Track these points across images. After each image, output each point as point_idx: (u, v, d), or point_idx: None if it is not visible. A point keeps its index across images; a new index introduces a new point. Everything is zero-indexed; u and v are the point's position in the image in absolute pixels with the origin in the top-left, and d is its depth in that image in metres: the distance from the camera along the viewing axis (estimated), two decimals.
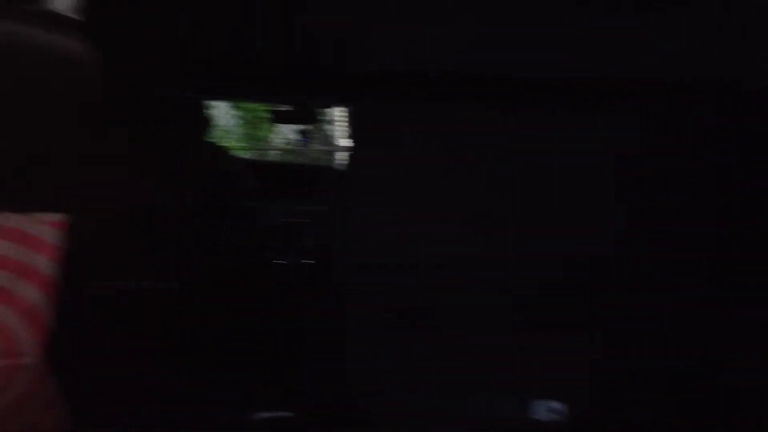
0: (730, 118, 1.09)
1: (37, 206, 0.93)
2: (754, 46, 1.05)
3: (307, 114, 3.91)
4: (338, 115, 5.75)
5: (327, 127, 6.19)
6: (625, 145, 1.06)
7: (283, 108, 4.03)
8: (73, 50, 1.05)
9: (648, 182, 1.07)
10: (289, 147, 6.63)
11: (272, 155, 7.08)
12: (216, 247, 2.08)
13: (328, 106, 5.24)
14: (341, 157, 6.56)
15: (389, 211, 1.10)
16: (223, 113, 6.39)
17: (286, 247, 3.35)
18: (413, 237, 1.10)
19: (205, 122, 2.84)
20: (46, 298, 0.88)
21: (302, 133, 4.08)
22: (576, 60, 1.05)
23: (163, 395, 1.27)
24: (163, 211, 1.64)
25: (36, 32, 1.03)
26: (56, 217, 0.90)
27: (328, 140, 6.70)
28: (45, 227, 0.89)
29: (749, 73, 1.07)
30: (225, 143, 6.37)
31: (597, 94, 1.09)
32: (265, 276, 2.87)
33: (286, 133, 6.36)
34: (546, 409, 1.02)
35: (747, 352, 1.06)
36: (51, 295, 0.89)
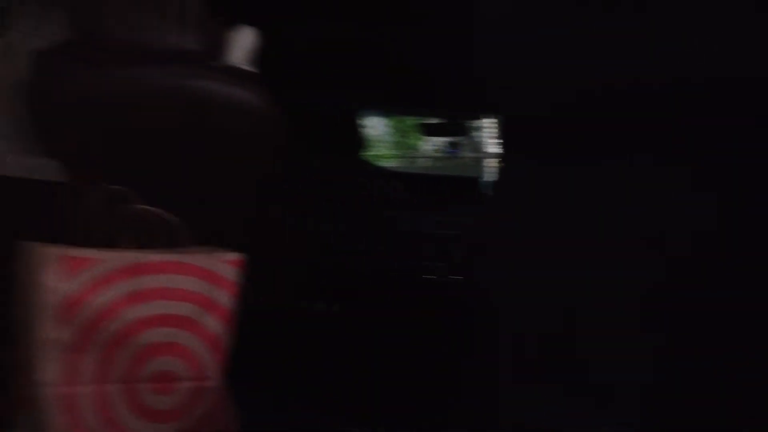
0: None
1: (219, 245, 1.04)
2: None
3: (458, 126, 3.91)
4: (488, 122, 5.71)
5: (476, 134, 6.18)
6: None
7: (433, 120, 4.08)
8: (248, 98, 1.16)
9: None
10: (439, 156, 6.70)
11: (421, 165, 7.19)
12: (367, 261, 2.16)
13: (479, 117, 5.23)
14: (491, 166, 6.50)
15: (543, 224, 1.08)
16: (373, 123, 6.62)
17: (435, 261, 3.38)
18: (570, 251, 1.06)
19: (360, 137, 2.98)
20: (227, 328, 0.99)
21: (452, 144, 4.11)
22: None
23: (331, 409, 1.36)
24: (321, 231, 1.73)
25: (218, 86, 1.15)
26: (235, 256, 1.01)
27: (477, 148, 6.66)
28: (226, 265, 1.00)
29: None
30: (375, 154, 6.59)
31: None
32: (413, 291, 2.93)
33: (436, 142, 6.43)
34: None
35: None
36: (230, 325, 1.00)
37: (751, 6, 0.81)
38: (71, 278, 0.87)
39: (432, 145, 6.84)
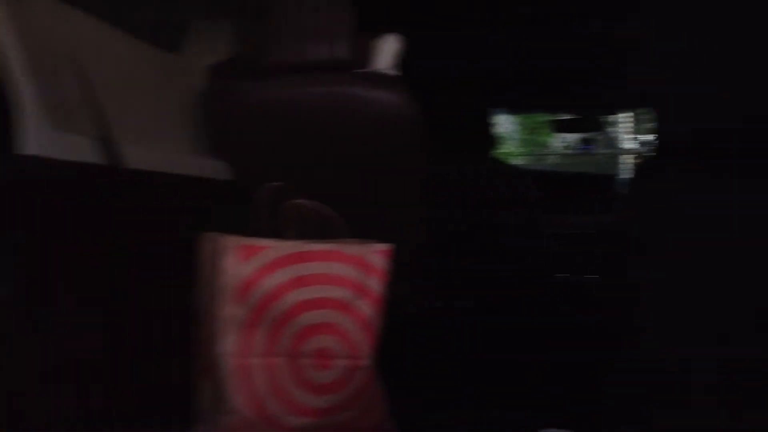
0: None
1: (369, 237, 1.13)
2: None
3: (592, 122, 3.78)
4: (624, 117, 5.45)
5: (611, 129, 5.91)
6: None
7: (566, 116, 3.97)
8: (393, 101, 1.24)
9: None
10: (571, 153, 6.49)
11: (553, 162, 7.00)
12: (500, 260, 2.17)
13: (615, 113, 5.00)
14: (628, 163, 6.18)
15: (687, 225, 1.05)
16: (503, 120, 6.55)
17: (570, 261, 3.29)
18: (715, 255, 1.02)
19: (491, 135, 2.98)
20: (377, 312, 1.07)
21: (586, 140, 3.97)
22: None
23: (464, 401, 1.40)
24: (457, 231, 1.77)
25: (366, 90, 1.24)
26: (385, 246, 1.09)
27: (612, 143, 6.37)
28: (377, 255, 1.08)
29: None
30: (504, 151, 6.51)
31: None
32: (547, 292, 2.88)
33: (568, 139, 6.23)
34: None
35: None
36: (380, 310, 1.08)
37: None
38: (246, 263, 1.00)
39: (563, 141, 6.65)
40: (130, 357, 1.04)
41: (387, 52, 1.35)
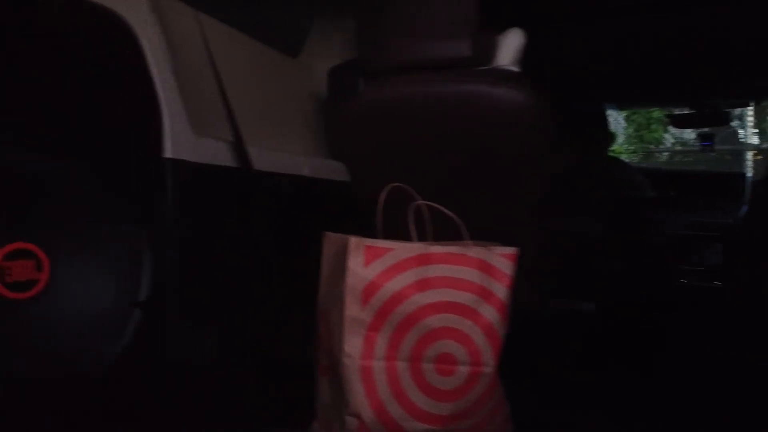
0: None
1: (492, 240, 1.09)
2: None
3: (713, 116, 3.52)
4: (750, 110, 5.02)
5: (735, 124, 5.49)
6: None
7: (683, 111, 3.72)
8: (517, 100, 1.19)
9: None
10: (687, 150, 6.10)
11: (667, 160, 6.61)
12: (620, 261, 2.06)
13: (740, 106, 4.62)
14: (754, 160, 5.70)
15: None
16: (617, 116, 6.27)
17: (690, 266, 3.08)
18: None
19: (607, 131, 2.84)
20: (501, 318, 1.03)
21: (704, 136, 3.69)
22: None
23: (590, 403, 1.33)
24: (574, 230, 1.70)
25: (488, 89, 1.20)
26: (510, 250, 1.05)
27: (734, 140, 5.92)
28: (502, 259, 1.04)
29: None
30: (620, 148, 6.22)
31: None
32: (667, 298, 2.71)
33: (683, 135, 5.85)
34: None
35: None
36: (504, 316, 1.04)
37: None
38: (371, 265, 0.99)
39: (680, 137, 6.25)
40: (252, 354, 1.07)
41: (509, 47, 1.31)
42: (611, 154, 3.14)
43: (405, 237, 1.07)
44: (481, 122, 1.20)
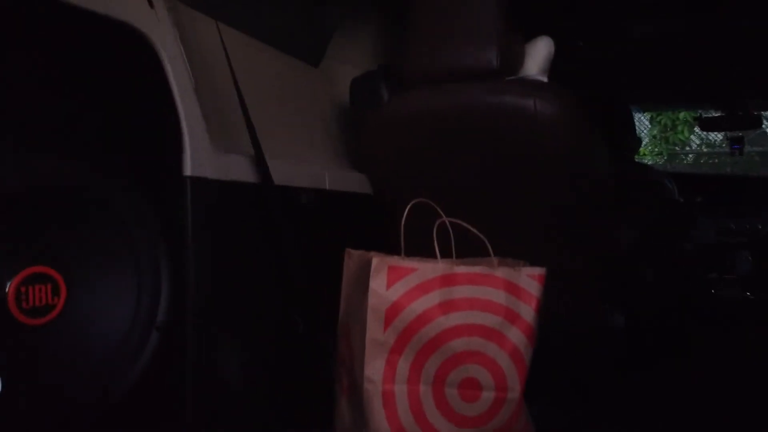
0: None
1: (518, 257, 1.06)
2: None
3: (745, 119, 3.42)
4: None
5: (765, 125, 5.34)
6: None
7: (711, 113, 3.63)
8: (547, 111, 1.15)
9: None
10: (714, 152, 5.96)
11: (693, 162, 6.47)
12: (653, 273, 2.01)
13: None
14: None
15: None
16: (641, 118, 6.16)
17: (719, 273, 2.99)
18: None
19: (633, 134, 2.77)
20: (528, 342, 1.00)
21: (733, 139, 3.59)
22: None
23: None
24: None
25: (513, 99, 1.16)
26: (539, 270, 1.01)
27: (764, 141, 5.78)
28: (530, 279, 1.01)
29: None
30: (646, 151, 6.10)
31: None
32: (699, 309, 2.64)
33: (709, 137, 5.71)
34: None
35: None
36: (531, 339, 1.00)
37: None
38: (394, 286, 0.96)
39: (707, 139, 6.11)
40: (273, 372, 1.05)
41: (538, 56, 1.27)
42: (640, 157, 3.08)
43: (429, 250, 1.04)
44: (510, 134, 1.16)
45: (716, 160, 6.36)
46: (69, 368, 0.76)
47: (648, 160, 6.55)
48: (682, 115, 6.03)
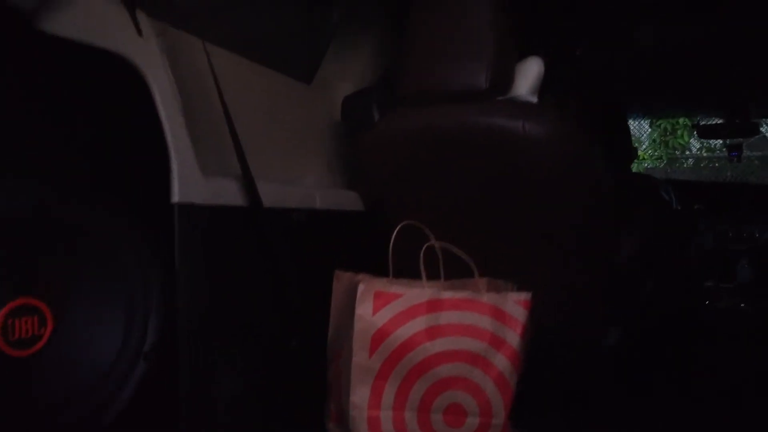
0: None
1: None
2: None
3: (742, 127, 3.42)
4: None
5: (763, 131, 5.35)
6: None
7: (712, 121, 3.63)
8: (537, 133, 1.15)
9: None
10: (713, 156, 5.96)
11: (692, 166, 6.47)
12: (653, 284, 2.01)
13: None
14: None
15: None
16: (639, 125, 6.17)
17: (716, 282, 2.98)
18: None
19: (632, 148, 2.77)
20: (513, 368, 1.00)
21: (732, 146, 3.60)
22: None
23: None
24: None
25: (503, 121, 1.16)
26: (524, 295, 1.02)
27: (763, 145, 5.77)
28: (516, 305, 1.01)
29: None
30: (643, 158, 6.09)
31: None
32: (698, 320, 2.64)
33: (710, 141, 5.70)
34: None
35: None
36: (517, 366, 1.01)
37: None
38: (380, 312, 0.97)
39: (707, 143, 6.09)
40: (266, 396, 1.06)
41: (528, 76, 1.27)
42: (637, 164, 3.07)
43: (418, 271, 1.05)
44: (499, 155, 1.17)
45: (716, 165, 6.35)
46: (56, 397, 0.77)
47: (648, 164, 6.55)
48: (681, 119, 6.02)
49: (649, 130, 6.45)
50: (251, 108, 1.22)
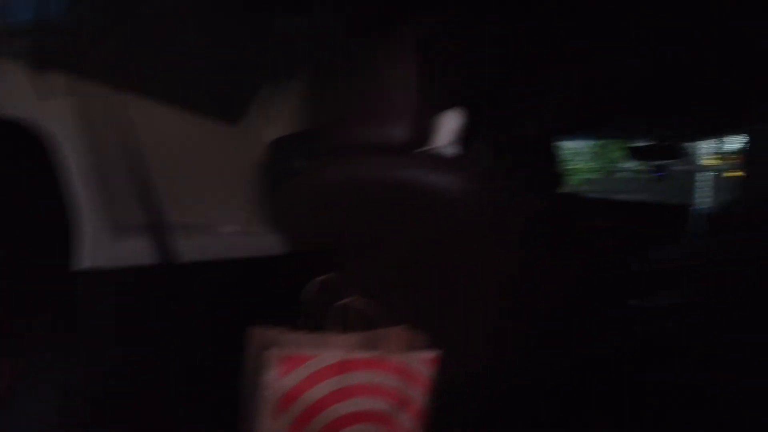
0: None
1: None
2: None
3: (669, 150, 3.59)
4: (707, 143, 5.14)
5: (690, 157, 5.63)
6: None
7: (641, 144, 3.78)
8: (454, 186, 1.19)
9: None
10: (644, 180, 6.20)
11: (625, 189, 6.73)
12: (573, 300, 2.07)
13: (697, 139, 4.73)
14: (707, 191, 5.83)
15: None
16: (573, 147, 6.39)
17: (643, 302, 3.10)
18: None
19: (560, 164, 2.85)
20: (418, 426, 1.04)
21: (659, 167, 3.79)
22: None
23: None
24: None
25: (422, 174, 1.20)
26: (431, 354, 1.05)
27: (690, 171, 6.05)
28: (422, 364, 1.05)
29: None
30: (575, 179, 6.28)
31: None
32: (615, 337, 2.73)
33: (641, 166, 5.93)
34: None
35: None
36: (422, 422, 1.05)
37: None
38: (289, 375, 0.99)
39: (636, 168, 6.33)
40: None
41: (448, 128, 1.31)
42: (569, 185, 3.16)
43: (335, 322, 1.06)
44: (419, 207, 1.20)
45: (651, 189, 6.60)
46: None
47: (587, 177, 6.78)
48: (618, 146, 6.21)
49: (589, 155, 6.67)
50: (172, 155, 1.21)
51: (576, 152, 6.46)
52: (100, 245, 0.92)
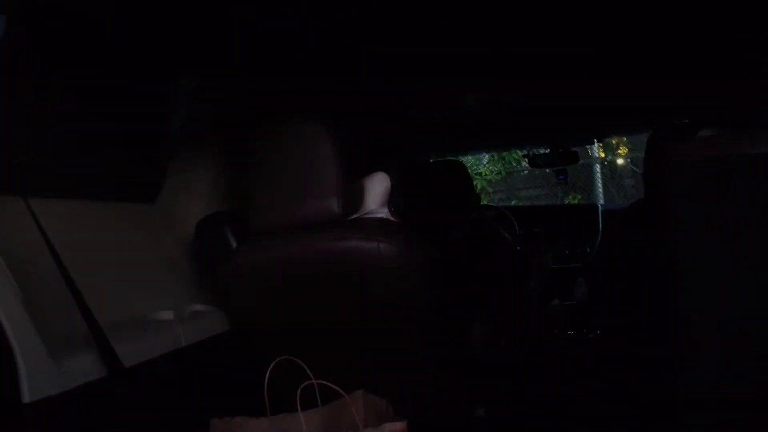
0: None
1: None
2: None
3: (565, 156, 3.81)
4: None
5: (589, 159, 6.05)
6: None
7: (541, 150, 3.99)
8: (389, 251, 1.21)
9: None
10: (546, 185, 6.55)
11: (529, 196, 7.07)
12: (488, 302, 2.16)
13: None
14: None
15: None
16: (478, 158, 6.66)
17: (563, 301, 3.27)
18: None
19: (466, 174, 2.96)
20: None
21: (558, 171, 4.01)
22: None
23: None
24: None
25: (357, 244, 1.21)
26: (399, 426, 1.07)
27: (589, 176, 6.46)
28: None
29: None
30: (481, 188, 6.55)
31: None
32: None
33: (543, 172, 6.27)
34: None
35: None
36: None
37: None
38: None
39: (538, 174, 6.68)
40: None
41: (377, 191, 1.34)
42: (476, 193, 3.26)
43: (295, 402, 1.05)
44: (359, 276, 1.21)
45: (551, 176, 6.96)
46: None
47: (488, 179, 7.06)
48: (518, 154, 6.50)
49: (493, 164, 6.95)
50: (96, 253, 1.15)
51: (477, 160, 6.73)
52: (41, 373, 0.86)
